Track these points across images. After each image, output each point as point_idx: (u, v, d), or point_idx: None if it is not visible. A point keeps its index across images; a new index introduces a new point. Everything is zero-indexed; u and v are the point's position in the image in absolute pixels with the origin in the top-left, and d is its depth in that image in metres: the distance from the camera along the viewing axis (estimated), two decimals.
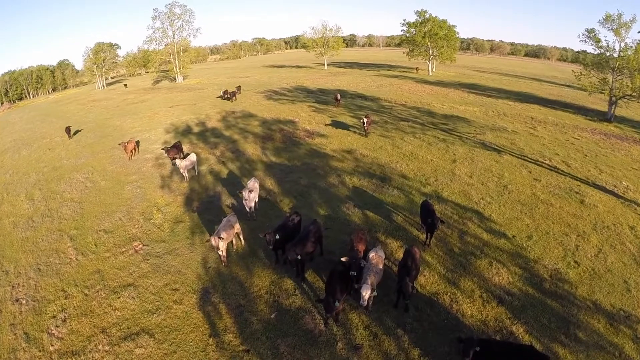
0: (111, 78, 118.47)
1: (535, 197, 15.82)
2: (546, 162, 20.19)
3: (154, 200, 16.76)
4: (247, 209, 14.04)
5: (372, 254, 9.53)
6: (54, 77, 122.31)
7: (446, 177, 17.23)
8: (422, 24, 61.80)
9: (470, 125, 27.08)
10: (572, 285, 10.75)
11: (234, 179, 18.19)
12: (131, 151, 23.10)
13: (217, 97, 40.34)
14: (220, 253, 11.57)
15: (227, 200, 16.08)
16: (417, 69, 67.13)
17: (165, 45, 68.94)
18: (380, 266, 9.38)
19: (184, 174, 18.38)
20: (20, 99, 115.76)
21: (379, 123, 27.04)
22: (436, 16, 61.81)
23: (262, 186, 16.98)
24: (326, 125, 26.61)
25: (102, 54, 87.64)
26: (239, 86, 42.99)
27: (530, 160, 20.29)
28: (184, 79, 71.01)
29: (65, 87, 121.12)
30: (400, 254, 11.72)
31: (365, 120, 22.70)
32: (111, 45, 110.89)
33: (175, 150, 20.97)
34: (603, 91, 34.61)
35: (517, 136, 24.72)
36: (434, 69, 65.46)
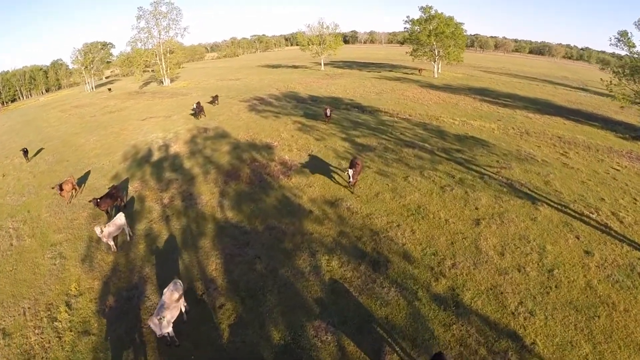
0: (105, 78, 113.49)
1: (591, 293, 10.50)
2: (593, 215, 14.79)
3: (68, 283, 12.12)
4: (165, 335, 8.91)
5: None
6: (47, 78, 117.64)
7: (468, 258, 11.81)
8: (427, 21, 55.79)
9: (491, 152, 21.59)
10: None
11: (171, 252, 12.99)
12: (70, 192, 18.23)
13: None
14: None
15: (152, 297, 10.92)
16: (420, 70, 60.88)
17: (151, 46, 63.57)
18: None
19: (108, 242, 13.29)
20: (14, 100, 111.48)
21: (377, 150, 21.64)
22: (442, 13, 55.84)
23: (202, 271, 11.77)
24: (309, 155, 21.24)
25: (91, 54, 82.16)
26: (216, 95, 37.42)
27: (573, 213, 14.91)
28: (171, 81, 65.65)
29: (59, 88, 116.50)
30: None
31: (350, 172, 15.43)
32: (105, 44, 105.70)
33: (109, 200, 15.88)
34: (638, 103, 29.29)
35: (549, 169, 19.27)
36: (439, 70, 59.49)
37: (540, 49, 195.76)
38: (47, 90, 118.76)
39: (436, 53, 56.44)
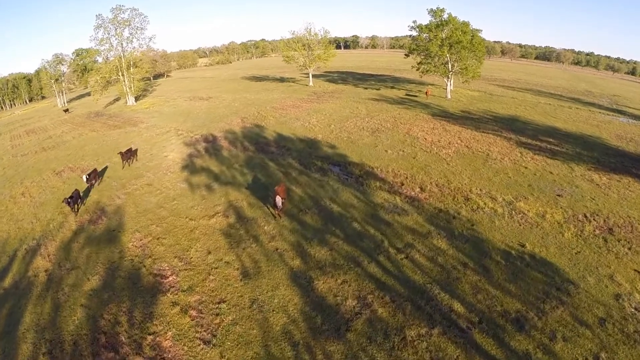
0: (90, 87, 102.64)
1: None
2: None
3: None
4: None
5: None
6: (31, 87, 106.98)
7: None
8: (438, 27, 42.73)
9: (577, 315, 9.54)
10: None
11: None
12: None
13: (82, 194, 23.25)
14: None
15: None
16: (427, 92, 45.24)
17: (112, 58, 52.14)
18: None
19: None
20: None
21: (357, 337, 9.85)
22: (456, 17, 42.75)
23: None
24: (211, 336, 9.56)
25: (60, 66, 70.98)
26: (134, 150, 24.46)
27: None
28: (136, 100, 54.05)
29: (43, 97, 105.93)
30: None
31: None
32: (97, 51, 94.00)
33: None
34: None
35: None
36: (451, 88, 46.14)
37: (546, 55, 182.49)
38: (30, 100, 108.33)
39: (450, 68, 43.56)
